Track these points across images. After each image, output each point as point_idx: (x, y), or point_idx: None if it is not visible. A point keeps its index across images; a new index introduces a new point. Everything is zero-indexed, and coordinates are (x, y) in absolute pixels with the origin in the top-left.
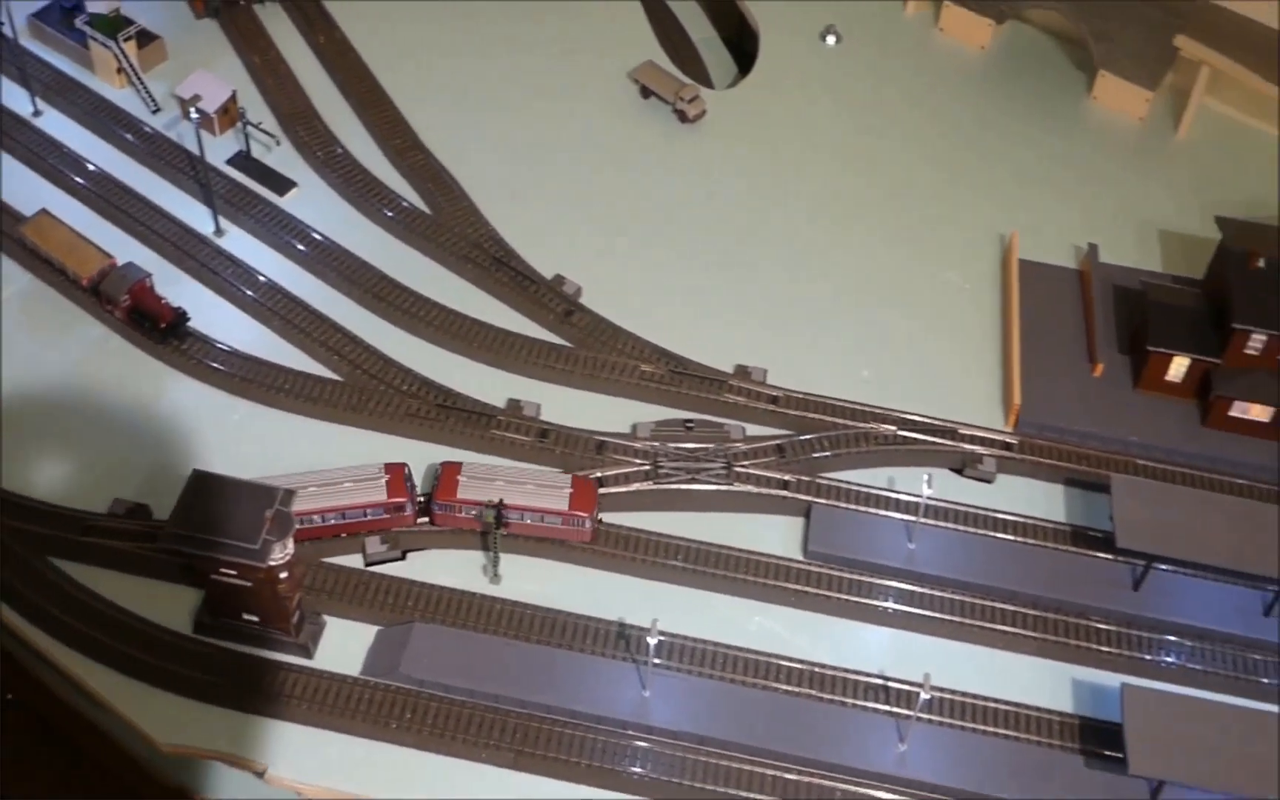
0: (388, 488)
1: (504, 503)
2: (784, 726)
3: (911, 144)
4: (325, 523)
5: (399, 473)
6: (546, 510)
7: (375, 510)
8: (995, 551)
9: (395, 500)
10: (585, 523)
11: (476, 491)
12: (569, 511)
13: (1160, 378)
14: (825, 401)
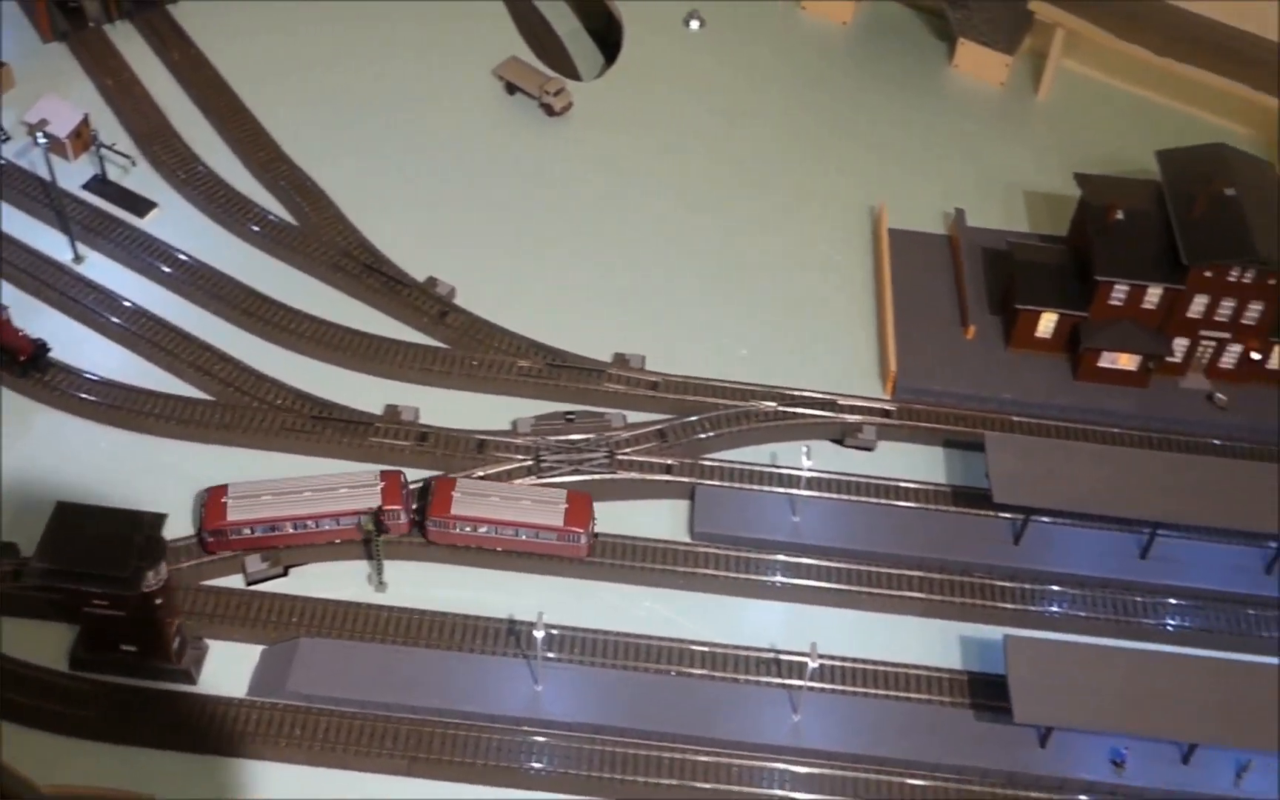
0: (383, 497)
1: (382, 509)
2: (679, 708)
3: (779, 123)
4: (319, 528)
5: (394, 480)
6: (541, 526)
7: (369, 519)
8: (878, 518)
9: (390, 508)
10: (581, 538)
11: (471, 508)
12: (564, 527)
13: (1030, 335)
14: (705, 383)
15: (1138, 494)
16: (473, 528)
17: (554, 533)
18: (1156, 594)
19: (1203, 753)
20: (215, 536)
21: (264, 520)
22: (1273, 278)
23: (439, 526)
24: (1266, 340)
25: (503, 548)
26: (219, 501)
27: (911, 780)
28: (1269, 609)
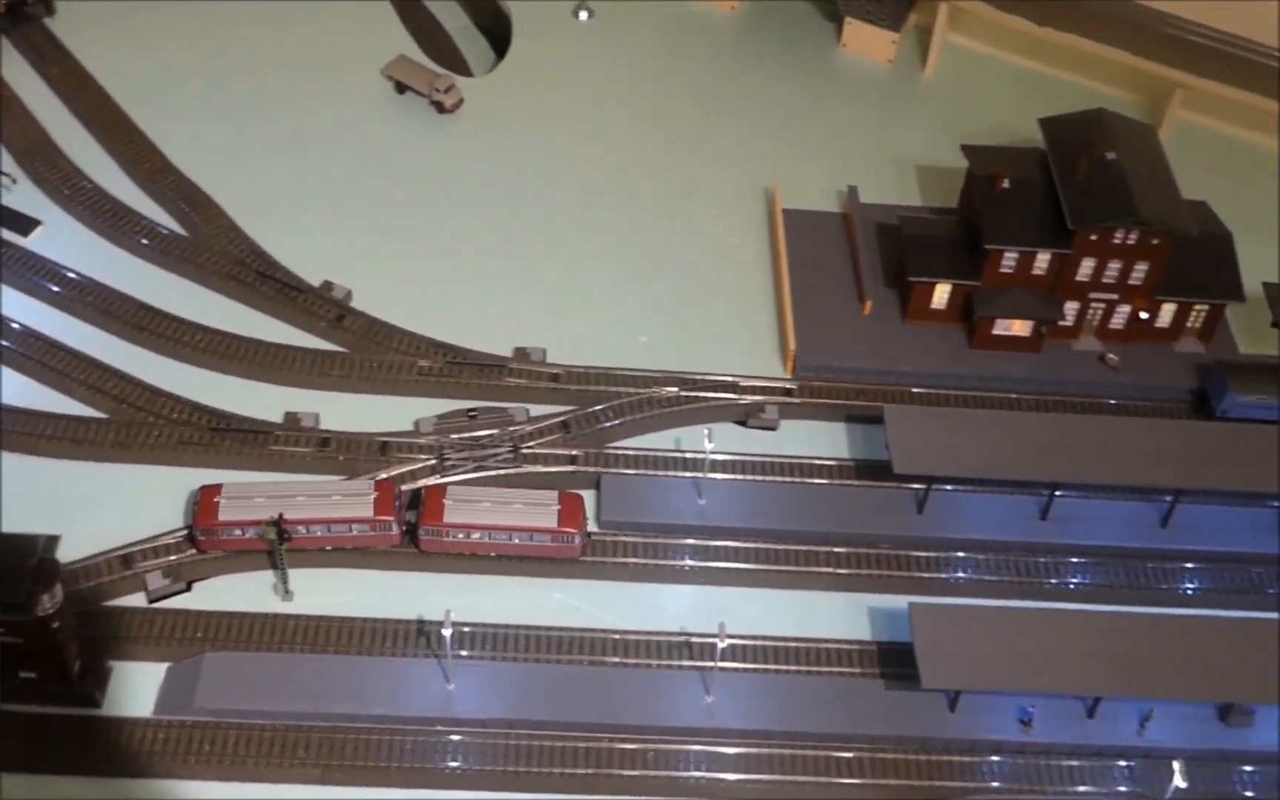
0: (375, 505)
1: (284, 517)
2: (592, 697)
3: (672, 110)
4: (310, 534)
5: (388, 490)
6: (535, 529)
7: (361, 526)
8: (784, 496)
9: (381, 517)
10: (575, 539)
11: (464, 515)
12: (558, 528)
13: (925, 307)
14: (607, 372)
15: (1035, 457)
16: (465, 534)
17: (548, 534)
18: (1058, 554)
19: (1107, 705)
20: (206, 535)
21: (256, 522)
22: (1156, 238)
23: (432, 535)
24: (1153, 299)
25: (496, 552)
26: (211, 500)
27: (825, 753)
28: (1166, 561)
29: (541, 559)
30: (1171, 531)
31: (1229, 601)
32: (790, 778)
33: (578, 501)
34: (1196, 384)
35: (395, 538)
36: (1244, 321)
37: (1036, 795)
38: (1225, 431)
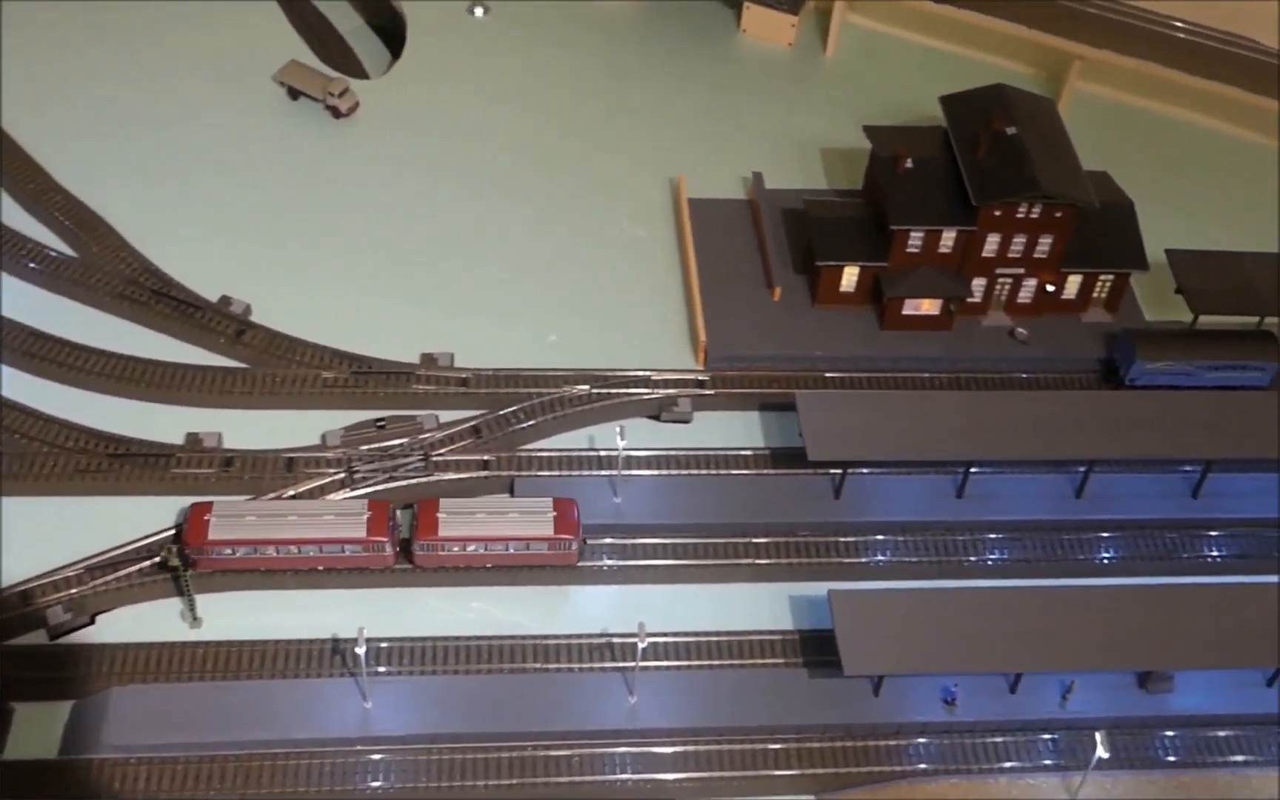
0: (368, 525)
1: (185, 537)
2: (515, 706)
3: (572, 104)
4: (302, 555)
5: (382, 511)
6: (532, 537)
7: (354, 547)
8: (700, 489)
9: (375, 538)
10: (572, 545)
11: (459, 528)
12: (554, 536)
13: (835, 291)
14: (517, 373)
15: (949, 435)
16: (461, 547)
17: (544, 542)
18: (975, 531)
19: (1029, 680)
20: (196, 554)
21: (247, 541)
22: (1059, 211)
23: (427, 550)
24: (1059, 272)
25: (492, 563)
26: (201, 519)
27: (751, 746)
28: (1083, 532)
29: (541, 567)
30: (1086, 502)
31: (1145, 569)
32: (718, 773)
33: (572, 506)
34: (1105, 354)
35: (389, 558)
36: (1149, 289)
37: (964, 774)
38: (1135, 399)
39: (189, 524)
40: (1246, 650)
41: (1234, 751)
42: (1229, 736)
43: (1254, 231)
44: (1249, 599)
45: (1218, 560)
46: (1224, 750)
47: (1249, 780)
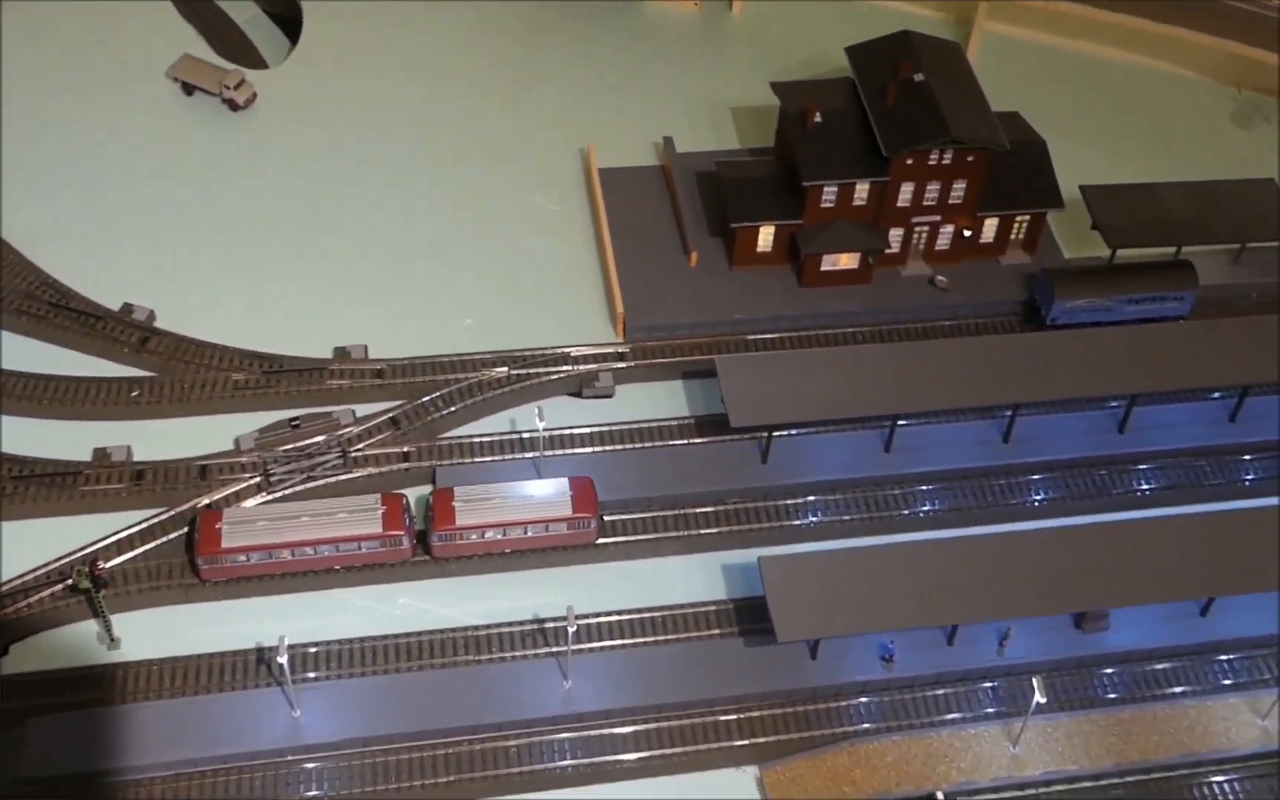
0: (384, 520)
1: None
2: (448, 701)
3: (476, 81)
4: (319, 555)
5: (396, 505)
6: (551, 519)
7: (371, 543)
8: (625, 463)
9: (392, 533)
10: (591, 523)
11: (476, 516)
12: (574, 516)
13: (751, 251)
14: (433, 361)
15: (874, 389)
16: (479, 534)
17: (564, 522)
18: (905, 484)
19: (966, 630)
20: (210, 563)
21: (262, 546)
22: (971, 155)
23: (445, 540)
24: (975, 217)
25: (511, 548)
26: (213, 528)
27: (690, 720)
28: (1012, 476)
29: (554, 549)
30: (1014, 446)
31: (1076, 508)
32: (658, 751)
33: (588, 485)
34: (1026, 295)
35: (406, 551)
36: (1066, 227)
37: (906, 730)
38: (1056, 339)
39: (200, 534)
40: (1180, 582)
41: (1172, 684)
42: (1166, 669)
43: (1167, 161)
44: (1180, 530)
45: (1148, 493)
46: (1162, 683)
47: (1186, 710)
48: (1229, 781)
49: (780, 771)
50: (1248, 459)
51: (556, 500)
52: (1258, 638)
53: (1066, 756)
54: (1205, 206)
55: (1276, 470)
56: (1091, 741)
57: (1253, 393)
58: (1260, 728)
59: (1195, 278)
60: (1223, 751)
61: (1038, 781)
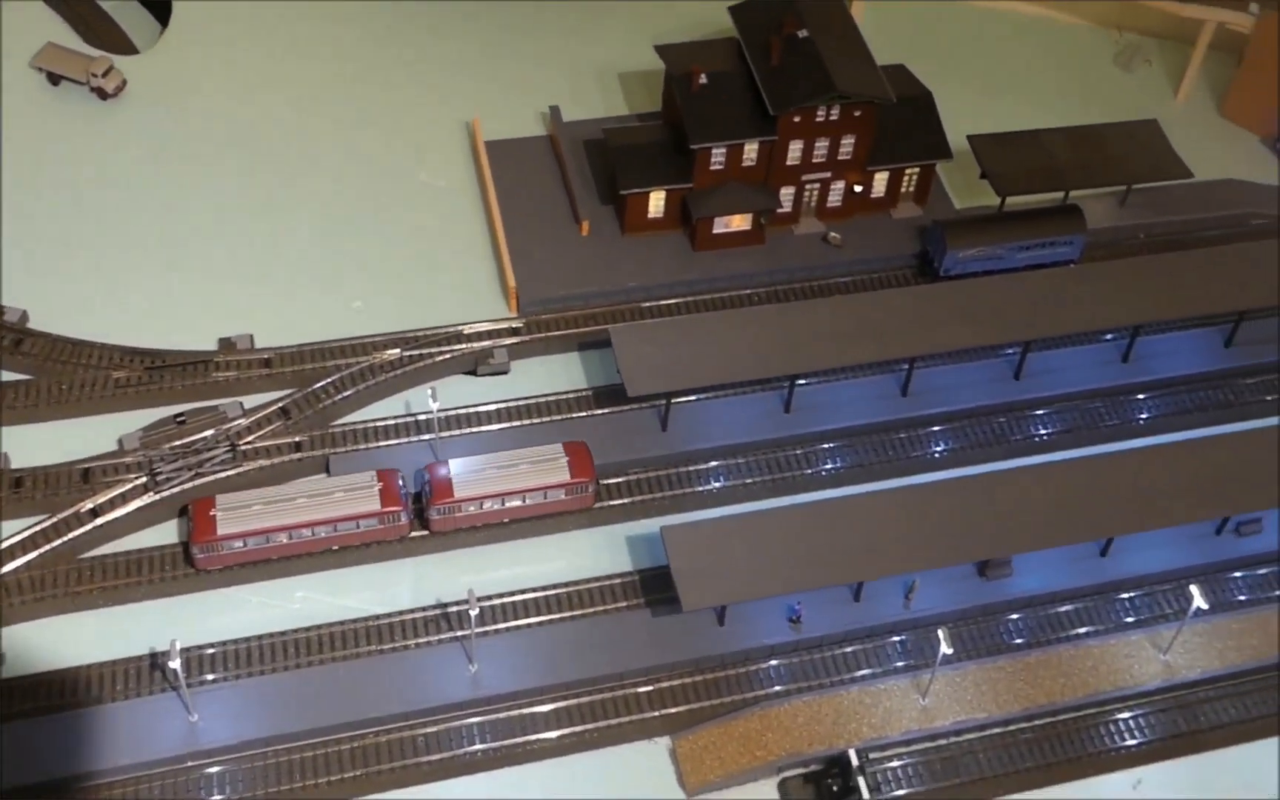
0: (381, 496)
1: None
2: (352, 693)
3: (357, 59)
4: (316, 537)
5: (392, 480)
6: (549, 486)
7: (369, 521)
8: (523, 439)
9: (390, 509)
10: (589, 488)
11: (474, 488)
12: (571, 481)
13: (642, 218)
14: (322, 347)
15: (770, 351)
16: (478, 506)
17: (562, 489)
18: (807, 443)
19: (871, 585)
20: (206, 552)
21: (258, 531)
22: (858, 110)
23: (444, 514)
24: (865, 171)
25: (510, 517)
26: (207, 516)
27: (600, 696)
28: (912, 429)
29: (553, 516)
30: (912, 399)
31: (977, 456)
32: (569, 730)
33: (584, 449)
34: (919, 247)
35: (405, 527)
36: (956, 178)
37: (817, 690)
38: (950, 290)
39: (194, 523)
40: (1080, 524)
41: (1075, 625)
42: (1069, 611)
43: (1053, 107)
44: (1078, 472)
45: (1046, 438)
46: (1066, 625)
47: (1090, 650)
48: (1134, 717)
49: (692, 740)
50: (1141, 398)
51: (553, 467)
52: (1157, 574)
53: (975, 704)
54: (1091, 150)
55: (1169, 407)
56: (999, 688)
57: (1143, 332)
58: (1162, 662)
59: (1083, 222)
60: (1127, 688)
61: (948, 731)
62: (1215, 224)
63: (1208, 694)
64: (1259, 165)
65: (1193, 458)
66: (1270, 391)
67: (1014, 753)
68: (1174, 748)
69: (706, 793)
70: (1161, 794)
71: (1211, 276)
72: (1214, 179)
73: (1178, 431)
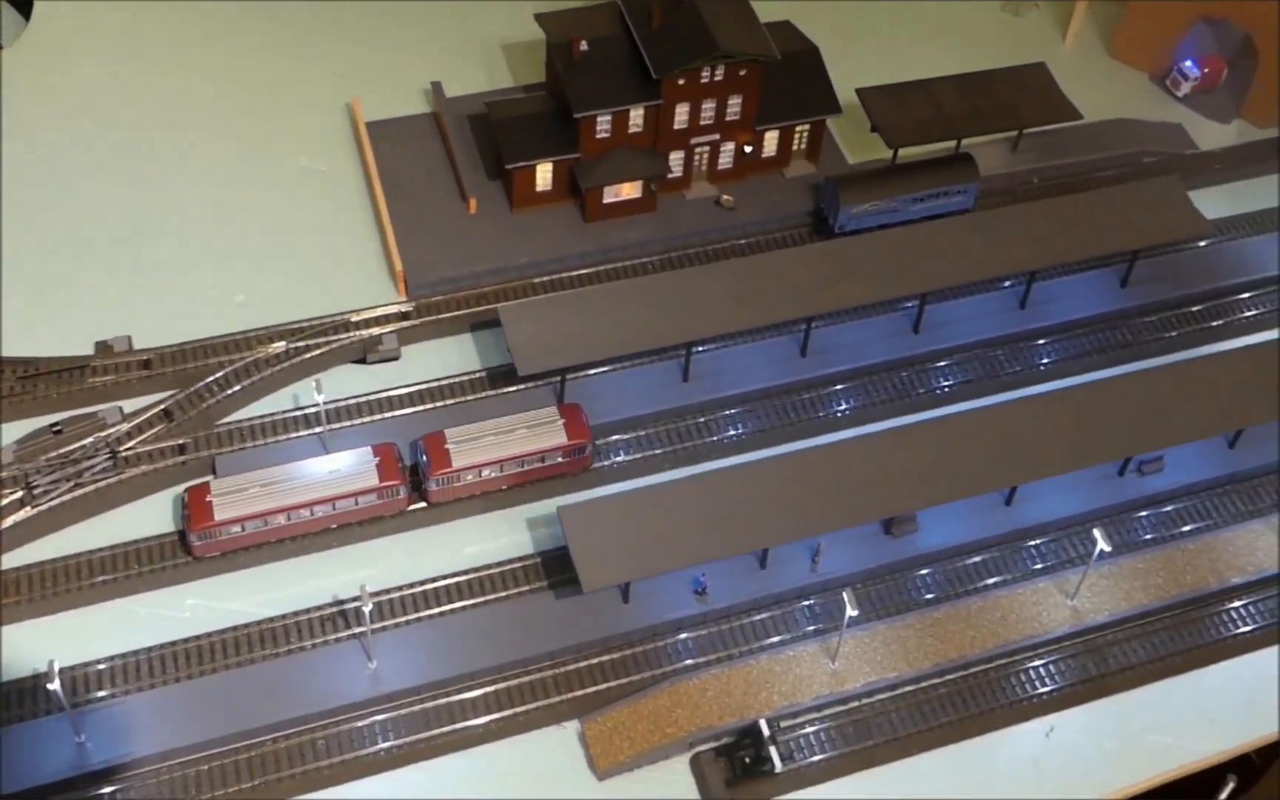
0: (379, 471)
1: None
2: (246, 701)
3: (229, 43)
4: (314, 516)
5: (390, 454)
6: (546, 449)
7: (368, 497)
8: (415, 426)
9: (389, 483)
10: (587, 449)
11: (471, 456)
12: (569, 443)
13: (530, 192)
14: (204, 344)
15: (665, 319)
16: (476, 474)
17: (559, 451)
18: (707, 411)
19: (777, 551)
20: (203, 539)
21: (256, 514)
22: (743, 69)
23: (442, 484)
24: (755, 131)
25: (509, 484)
26: (204, 501)
27: (506, 683)
28: (813, 390)
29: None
30: (812, 359)
31: (880, 413)
32: (475, 721)
33: (578, 410)
34: (813, 205)
35: (404, 501)
36: (848, 132)
37: (727, 661)
38: (845, 246)
39: (190, 510)
40: (984, 476)
41: (983, 576)
42: (977, 562)
43: (942, 56)
44: (980, 423)
45: (949, 389)
46: (974, 577)
47: (999, 601)
48: (1044, 664)
49: (601, 722)
50: (1041, 343)
51: (549, 430)
52: (1063, 519)
53: (886, 664)
54: (981, 97)
55: (1069, 351)
56: (909, 645)
57: (1039, 277)
58: (1070, 608)
59: (976, 170)
60: (1036, 636)
61: (859, 693)
62: (1108, 164)
63: (1115, 636)
64: (1149, 103)
65: (1093, 400)
66: (1168, 328)
67: (927, 710)
68: (1085, 692)
69: (618, 774)
70: (1074, 739)
71: (1106, 217)
72: (1105, 119)
73: (1079, 375)
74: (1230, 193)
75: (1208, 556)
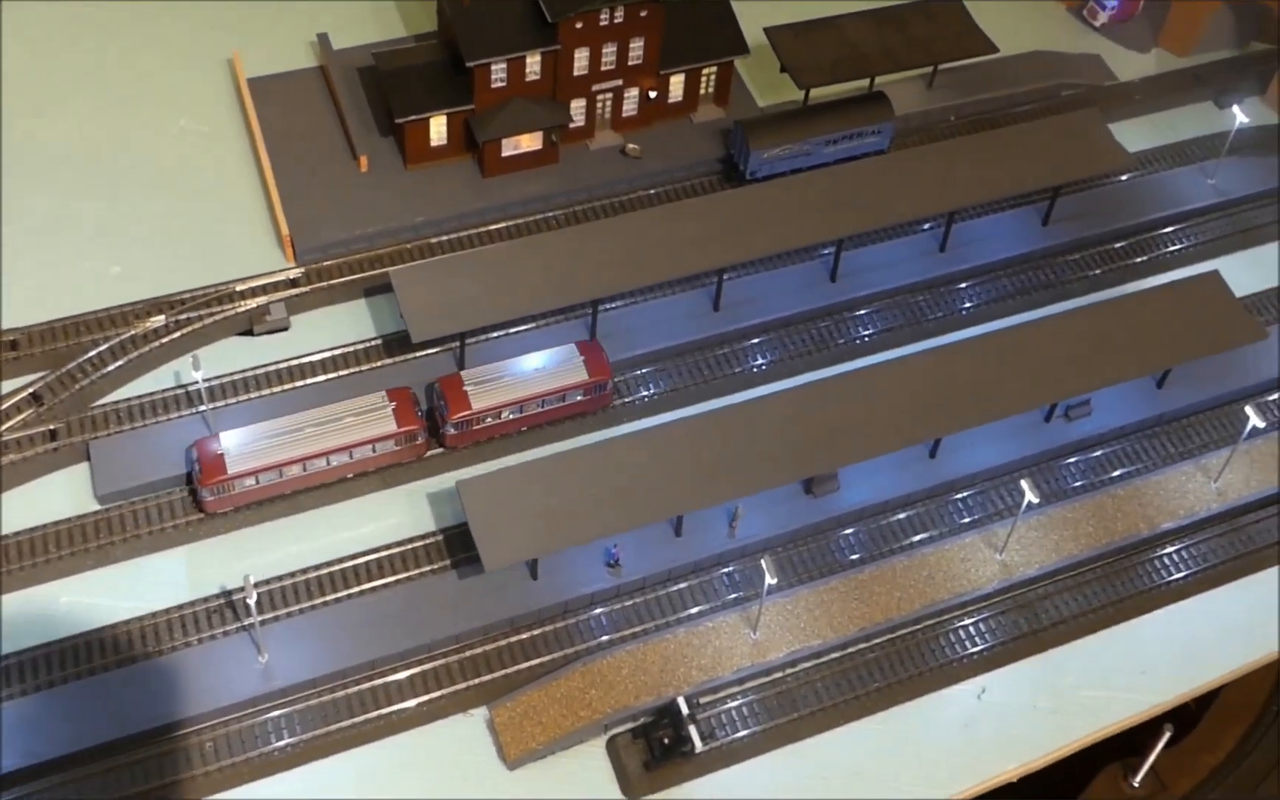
0: (396, 416)
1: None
2: (131, 702)
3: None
4: (330, 466)
5: (406, 398)
6: (567, 387)
7: (385, 443)
8: (307, 400)
9: (407, 428)
10: (608, 385)
11: (490, 398)
12: (590, 380)
13: (425, 147)
14: (77, 321)
15: (570, 276)
16: (495, 416)
17: (580, 389)
18: (617, 371)
19: (693, 518)
20: (216, 494)
21: (271, 466)
22: (644, 10)
23: (461, 428)
24: (659, 76)
25: (528, 425)
26: (215, 454)
27: (409, 671)
28: (727, 344)
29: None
30: (725, 312)
31: (799, 366)
32: (375, 713)
33: (598, 348)
34: (723, 152)
35: (422, 447)
36: (758, 74)
37: (644, 636)
38: (757, 193)
39: (200, 465)
40: (907, 428)
41: (909, 533)
42: (903, 519)
43: None
44: (902, 372)
45: (870, 338)
46: (900, 534)
47: (926, 559)
48: (975, 623)
49: (510, 708)
50: (962, 287)
51: (570, 368)
52: (989, 470)
53: (810, 631)
54: (894, 33)
55: (991, 294)
56: (833, 610)
57: (959, 218)
58: (999, 562)
59: (891, 109)
60: (965, 594)
61: (782, 663)
62: (1026, 99)
63: (1046, 590)
64: (1067, 35)
65: (1017, 345)
66: (1092, 266)
67: (853, 677)
68: (1018, 650)
69: (529, 762)
70: (1007, 698)
71: (1025, 153)
72: (1022, 52)
73: (1001, 318)
74: (1151, 124)
75: (1138, 502)
